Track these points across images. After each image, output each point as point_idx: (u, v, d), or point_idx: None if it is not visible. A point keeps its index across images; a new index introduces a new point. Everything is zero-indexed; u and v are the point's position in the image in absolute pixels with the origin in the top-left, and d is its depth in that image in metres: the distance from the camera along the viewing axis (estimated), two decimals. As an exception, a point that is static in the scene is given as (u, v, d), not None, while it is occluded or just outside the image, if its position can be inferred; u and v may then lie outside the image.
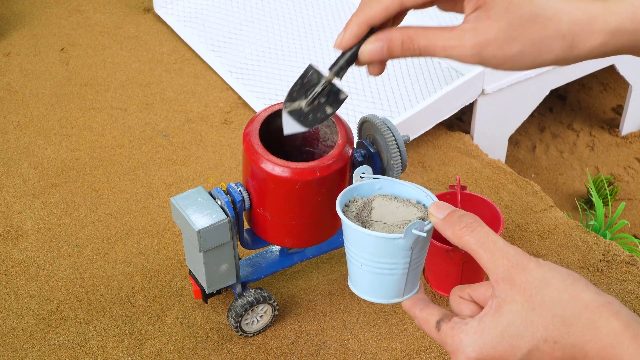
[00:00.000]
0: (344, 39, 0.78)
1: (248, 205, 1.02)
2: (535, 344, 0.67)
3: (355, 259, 0.78)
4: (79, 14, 1.92)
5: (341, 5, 1.86)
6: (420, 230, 0.73)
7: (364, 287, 0.80)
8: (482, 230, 0.70)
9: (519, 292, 0.68)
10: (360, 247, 0.76)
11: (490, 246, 0.69)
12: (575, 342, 0.66)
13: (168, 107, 1.62)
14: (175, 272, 1.26)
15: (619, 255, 1.27)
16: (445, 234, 0.73)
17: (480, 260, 0.70)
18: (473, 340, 0.69)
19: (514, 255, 0.69)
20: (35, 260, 1.28)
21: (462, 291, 0.75)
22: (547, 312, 0.67)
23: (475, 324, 0.70)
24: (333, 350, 1.14)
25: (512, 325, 0.68)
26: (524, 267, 0.68)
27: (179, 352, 1.14)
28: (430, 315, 0.75)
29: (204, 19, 1.84)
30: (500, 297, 0.68)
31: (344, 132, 0.97)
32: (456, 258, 1.13)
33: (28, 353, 1.14)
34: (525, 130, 2.12)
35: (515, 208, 1.39)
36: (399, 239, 0.74)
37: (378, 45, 0.76)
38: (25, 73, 1.72)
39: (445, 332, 0.72)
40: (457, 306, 0.75)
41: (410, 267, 0.77)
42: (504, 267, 0.68)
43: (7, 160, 1.49)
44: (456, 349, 0.70)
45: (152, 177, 1.45)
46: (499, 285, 0.69)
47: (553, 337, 0.66)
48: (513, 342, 0.68)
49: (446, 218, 0.73)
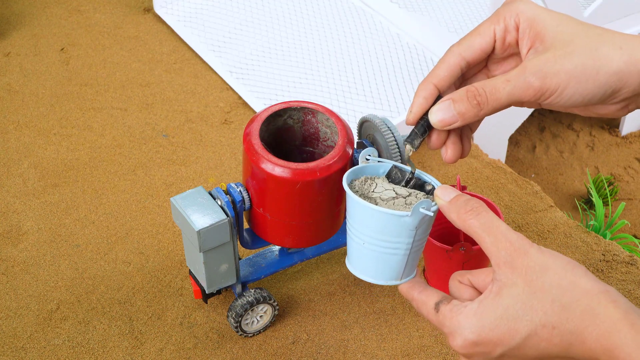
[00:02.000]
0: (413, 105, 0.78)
1: (248, 205, 1.02)
2: (534, 329, 0.67)
3: (357, 236, 0.78)
4: (79, 14, 1.92)
5: (341, 5, 1.86)
6: (427, 209, 0.74)
7: (363, 266, 0.79)
8: (487, 214, 0.71)
9: (519, 276, 0.68)
10: (365, 224, 0.76)
11: (494, 230, 0.70)
12: (573, 329, 0.66)
13: (168, 107, 1.62)
14: (175, 272, 1.26)
15: (619, 255, 1.27)
16: (450, 217, 0.73)
17: (483, 244, 0.70)
18: (471, 322, 0.69)
19: (517, 240, 0.69)
20: (35, 260, 1.28)
21: (462, 276, 0.76)
22: (546, 296, 0.67)
23: (475, 306, 0.70)
24: (333, 350, 1.14)
25: (512, 309, 0.68)
26: (525, 252, 0.69)
27: (179, 352, 1.14)
28: (429, 297, 0.75)
29: (204, 19, 1.84)
30: (501, 280, 0.69)
31: (344, 132, 0.97)
32: (456, 258, 1.13)
33: (28, 353, 1.14)
34: (525, 130, 2.12)
35: (515, 208, 1.39)
36: (405, 216, 0.74)
37: (444, 103, 0.75)
38: (25, 73, 1.72)
39: (444, 313, 0.72)
40: (457, 290, 0.76)
41: (412, 249, 0.77)
42: (506, 251, 0.69)
43: (7, 160, 1.49)
44: (454, 331, 0.71)
45: (152, 177, 1.45)
46: (500, 268, 0.69)
47: (552, 322, 0.67)
48: (511, 326, 0.68)
49: (452, 201, 0.73)
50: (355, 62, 1.68)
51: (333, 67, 1.67)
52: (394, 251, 0.77)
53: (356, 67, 1.67)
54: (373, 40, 1.73)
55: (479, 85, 0.74)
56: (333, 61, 1.69)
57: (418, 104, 0.78)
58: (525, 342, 0.68)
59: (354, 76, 1.64)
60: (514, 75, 0.72)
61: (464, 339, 0.70)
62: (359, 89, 1.61)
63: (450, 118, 0.75)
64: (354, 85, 1.62)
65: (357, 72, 1.65)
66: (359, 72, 1.65)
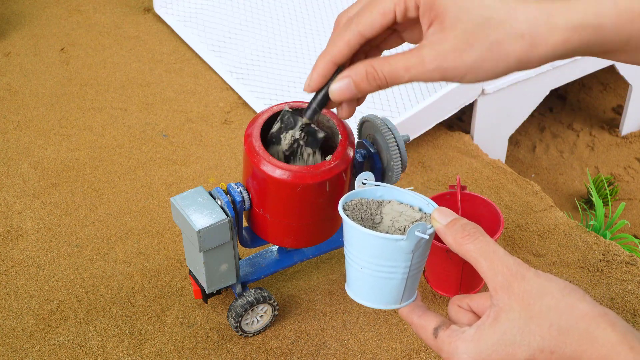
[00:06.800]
0: (312, 81, 0.78)
1: (248, 206, 1.02)
2: (532, 354, 0.67)
3: (355, 261, 0.78)
4: (79, 14, 1.92)
5: (341, 5, 1.86)
6: (422, 232, 0.74)
7: (362, 291, 0.80)
8: (484, 239, 0.71)
9: (516, 301, 0.68)
10: (361, 249, 0.76)
11: (491, 255, 0.70)
12: (572, 353, 0.66)
13: (168, 107, 1.62)
14: (175, 272, 1.26)
15: (619, 255, 1.27)
16: (447, 240, 0.73)
17: (480, 269, 0.70)
18: (469, 348, 0.69)
19: (514, 264, 0.69)
20: (35, 260, 1.28)
21: (461, 301, 0.75)
22: (544, 321, 0.66)
23: (473, 332, 0.70)
24: (333, 350, 1.14)
25: (509, 334, 0.67)
26: (522, 276, 0.68)
27: (179, 352, 1.14)
28: (428, 322, 0.75)
29: (204, 19, 1.84)
30: (498, 305, 0.68)
31: (345, 134, 0.97)
32: (456, 258, 1.13)
33: (28, 353, 1.14)
34: (525, 130, 2.12)
35: (515, 208, 1.39)
36: (401, 240, 0.74)
37: (344, 82, 0.76)
38: (25, 73, 1.72)
39: (442, 339, 0.72)
40: (456, 315, 0.75)
41: (409, 273, 0.77)
42: (503, 275, 0.68)
43: (7, 160, 1.49)
44: (452, 356, 0.70)
45: (152, 177, 1.45)
46: (498, 293, 0.69)
47: (550, 347, 0.66)
48: (509, 351, 0.67)
49: (449, 225, 0.73)
50: (355, 62, 1.68)
51: (333, 67, 1.67)
52: (391, 275, 0.77)
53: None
54: (373, 40, 1.73)
55: (378, 66, 0.74)
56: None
57: (317, 81, 0.78)
58: None
59: (354, 76, 1.64)
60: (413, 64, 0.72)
61: None
62: (359, 89, 1.61)
63: (350, 94, 0.77)
64: (354, 85, 1.62)
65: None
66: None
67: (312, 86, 0.79)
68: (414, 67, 0.72)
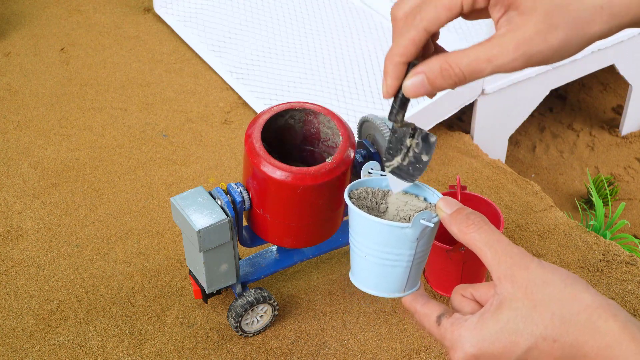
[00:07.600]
0: (388, 86, 0.75)
1: (248, 206, 1.02)
2: (534, 342, 0.67)
3: (360, 248, 0.78)
4: (79, 14, 1.92)
5: (341, 5, 1.86)
6: (428, 220, 0.74)
7: (366, 279, 0.80)
8: (488, 228, 0.71)
9: (520, 290, 0.68)
10: (367, 236, 0.76)
11: (495, 244, 0.70)
12: (574, 342, 0.66)
13: (168, 107, 1.62)
14: (175, 272, 1.26)
15: (619, 255, 1.27)
16: (451, 230, 0.73)
17: (484, 258, 0.70)
18: (472, 336, 0.69)
19: (517, 254, 0.69)
20: (35, 260, 1.28)
21: (465, 290, 0.76)
22: (546, 310, 0.67)
23: (476, 320, 0.70)
24: (333, 350, 1.14)
25: (512, 322, 0.68)
26: (526, 266, 0.69)
27: (179, 352, 1.14)
28: (432, 310, 0.75)
29: (204, 19, 1.84)
30: (501, 294, 0.69)
31: (346, 135, 0.97)
32: (456, 258, 1.13)
33: (28, 353, 1.14)
34: (525, 130, 2.12)
35: (515, 208, 1.39)
36: (406, 228, 0.74)
37: (418, 79, 0.73)
38: (25, 73, 1.72)
39: (446, 327, 0.72)
40: (459, 304, 0.75)
41: (414, 261, 0.77)
42: (506, 264, 0.69)
43: (7, 160, 1.49)
44: (455, 344, 0.71)
45: (152, 177, 1.45)
46: (501, 282, 0.69)
47: (552, 335, 0.67)
48: (512, 339, 0.68)
49: (454, 214, 0.73)
50: (356, 62, 1.68)
51: (333, 67, 1.67)
52: (396, 263, 0.77)
53: (356, 67, 1.67)
54: (373, 40, 1.73)
55: (454, 62, 0.71)
56: (333, 61, 1.68)
57: (393, 86, 0.76)
58: (526, 356, 0.68)
59: (354, 76, 1.64)
60: (496, 55, 0.70)
61: (465, 352, 0.70)
62: (359, 89, 1.61)
63: (425, 91, 0.74)
64: (354, 85, 1.62)
65: (357, 72, 1.65)
66: (359, 72, 1.65)
67: (389, 92, 0.76)
68: (496, 58, 0.69)
